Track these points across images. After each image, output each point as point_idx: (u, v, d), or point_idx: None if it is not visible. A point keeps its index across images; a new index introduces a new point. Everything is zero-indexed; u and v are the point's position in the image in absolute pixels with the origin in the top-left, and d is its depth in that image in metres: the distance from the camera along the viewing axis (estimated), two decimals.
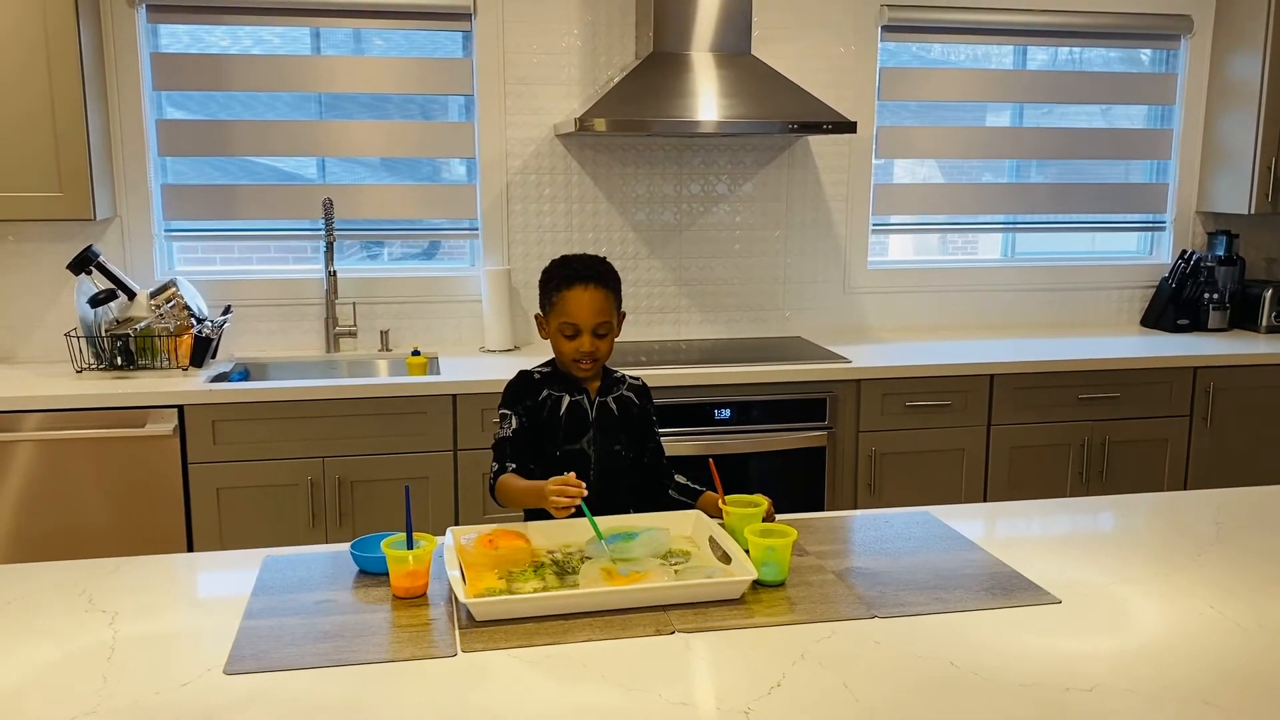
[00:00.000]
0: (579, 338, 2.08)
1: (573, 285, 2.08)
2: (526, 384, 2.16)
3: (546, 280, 2.15)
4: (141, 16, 3.42)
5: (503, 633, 1.55)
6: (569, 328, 2.08)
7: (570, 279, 2.09)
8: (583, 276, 2.09)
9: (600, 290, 2.10)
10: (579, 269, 2.11)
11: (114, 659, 1.48)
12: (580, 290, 2.08)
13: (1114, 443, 3.60)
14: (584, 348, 2.09)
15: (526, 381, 2.17)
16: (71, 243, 3.41)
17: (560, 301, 2.09)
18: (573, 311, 2.08)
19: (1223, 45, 4.08)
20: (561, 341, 2.11)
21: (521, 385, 2.17)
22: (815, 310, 4.01)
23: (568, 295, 2.08)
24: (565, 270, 2.12)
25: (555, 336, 2.12)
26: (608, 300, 2.11)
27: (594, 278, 2.10)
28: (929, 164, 4.15)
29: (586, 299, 2.08)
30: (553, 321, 2.12)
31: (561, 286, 2.09)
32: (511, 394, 2.16)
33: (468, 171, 3.77)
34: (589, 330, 2.08)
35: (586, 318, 2.08)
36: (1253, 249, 4.29)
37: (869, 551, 1.91)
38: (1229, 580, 1.77)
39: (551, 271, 2.15)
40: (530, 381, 2.17)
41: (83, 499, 3.01)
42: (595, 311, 2.08)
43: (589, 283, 2.09)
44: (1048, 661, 1.48)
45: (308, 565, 1.83)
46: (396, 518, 3.13)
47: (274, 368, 3.54)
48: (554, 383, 2.16)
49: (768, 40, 3.77)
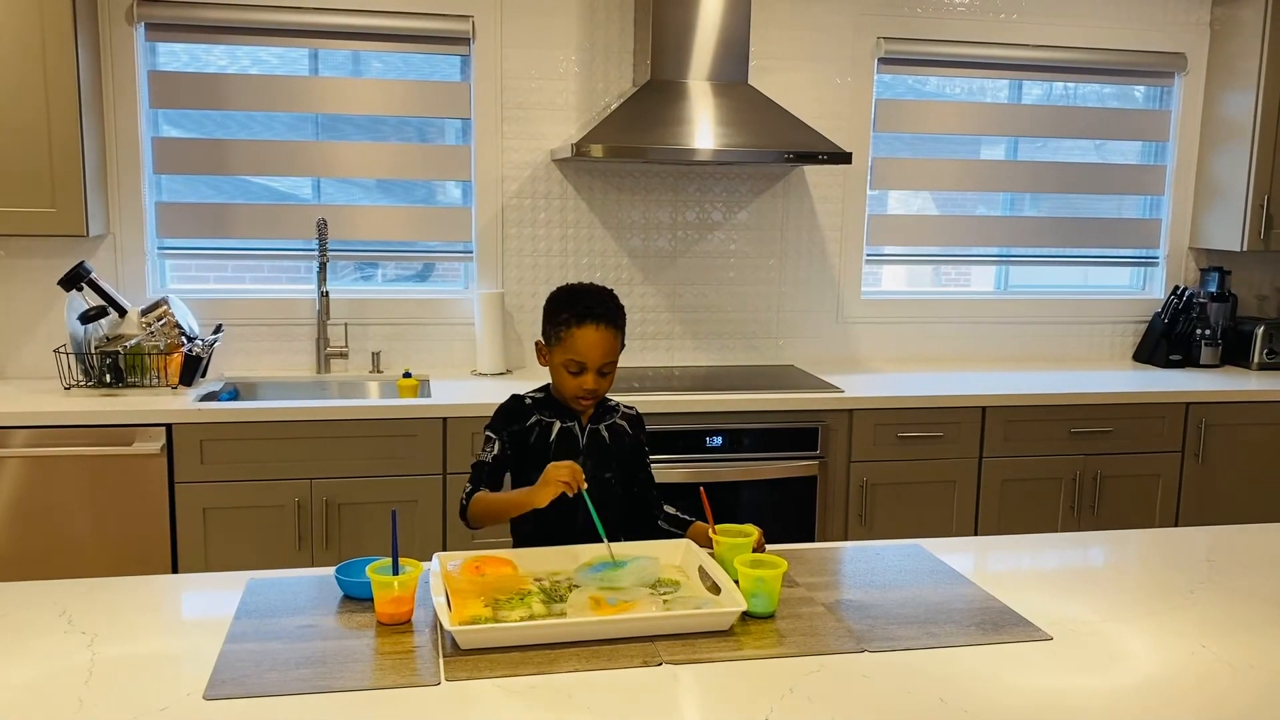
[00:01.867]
0: (583, 375, 2.06)
1: (584, 323, 2.04)
2: (516, 409, 2.14)
3: (554, 311, 2.09)
4: (140, 35, 3.43)
5: (488, 661, 1.53)
6: (574, 365, 2.05)
7: (582, 316, 2.04)
8: (594, 315, 2.05)
9: (610, 330, 2.06)
10: (591, 306, 2.06)
11: (91, 681, 1.46)
12: (591, 329, 2.04)
13: (1106, 477, 3.59)
14: (587, 385, 2.06)
15: (517, 406, 2.15)
16: (64, 258, 3.40)
17: (569, 338, 2.05)
18: (581, 350, 2.04)
19: (1216, 83, 4.11)
20: (565, 376, 2.07)
21: (511, 410, 2.14)
22: (808, 339, 4.01)
23: (577, 333, 2.04)
24: (576, 305, 2.06)
25: (558, 370, 2.08)
26: (616, 340, 2.08)
27: (605, 317, 2.06)
28: (923, 195, 4.17)
29: (596, 339, 2.04)
30: (557, 355, 2.08)
31: (572, 323, 2.05)
32: (500, 418, 2.14)
33: (463, 194, 3.77)
34: (595, 369, 2.06)
35: (594, 358, 2.05)
36: (1245, 286, 4.31)
37: (859, 584, 1.89)
38: (1221, 619, 1.75)
39: (560, 303, 2.09)
40: (521, 406, 2.15)
41: (68, 517, 2.99)
42: (604, 352, 2.06)
43: (600, 323, 2.05)
44: (1038, 699, 1.46)
45: (292, 589, 1.81)
46: (384, 541, 3.11)
47: (264, 387, 3.52)
48: (545, 408, 2.14)
49: (765, 70, 3.79)
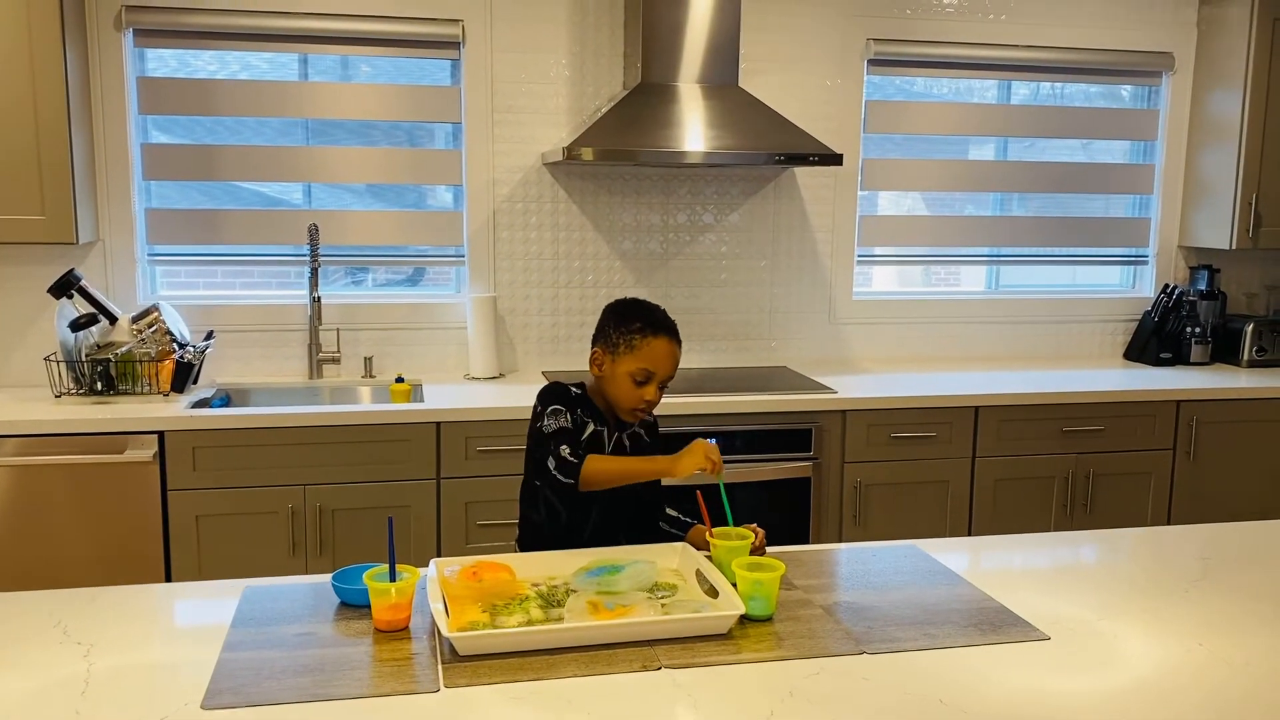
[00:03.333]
0: (648, 385, 2.06)
1: (659, 334, 2.06)
2: (565, 394, 2.11)
3: (625, 320, 2.08)
4: (128, 41, 3.42)
5: (486, 667, 1.53)
6: (643, 374, 2.05)
7: (658, 328, 2.07)
8: (668, 328, 2.08)
9: (678, 345, 2.10)
10: (664, 320, 2.09)
11: (88, 693, 1.45)
12: (665, 341, 2.07)
13: (1098, 475, 3.61)
14: (650, 397, 2.07)
15: (565, 392, 2.11)
16: (53, 266, 3.38)
17: (644, 347, 2.05)
18: (654, 360, 2.06)
19: (1204, 82, 4.13)
20: (628, 386, 2.06)
21: (561, 393, 2.10)
22: (800, 340, 4.01)
23: (655, 343, 2.06)
24: (651, 317, 2.09)
25: (622, 379, 2.07)
26: (679, 358, 2.11)
27: (674, 332, 2.10)
28: (913, 196, 4.18)
29: (668, 351, 2.07)
30: (625, 363, 2.06)
31: (648, 333, 2.06)
32: (558, 397, 2.09)
33: (454, 198, 3.77)
34: (659, 381, 2.07)
35: (665, 369, 2.07)
36: (1234, 283, 4.33)
37: (856, 586, 1.89)
38: (1216, 617, 1.76)
39: (631, 313, 2.10)
40: (568, 394, 2.11)
41: (60, 526, 2.97)
42: (673, 364, 2.09)
43: (673, 337, 2.09)
44: (1037, 699, 1.46)
45: (288, 596, 1.81)
46: (378, 547, 3.10)
47: (256, 394, 3.51)
48: (583, 407, 2.12)
49: (755, 72, 3.79)
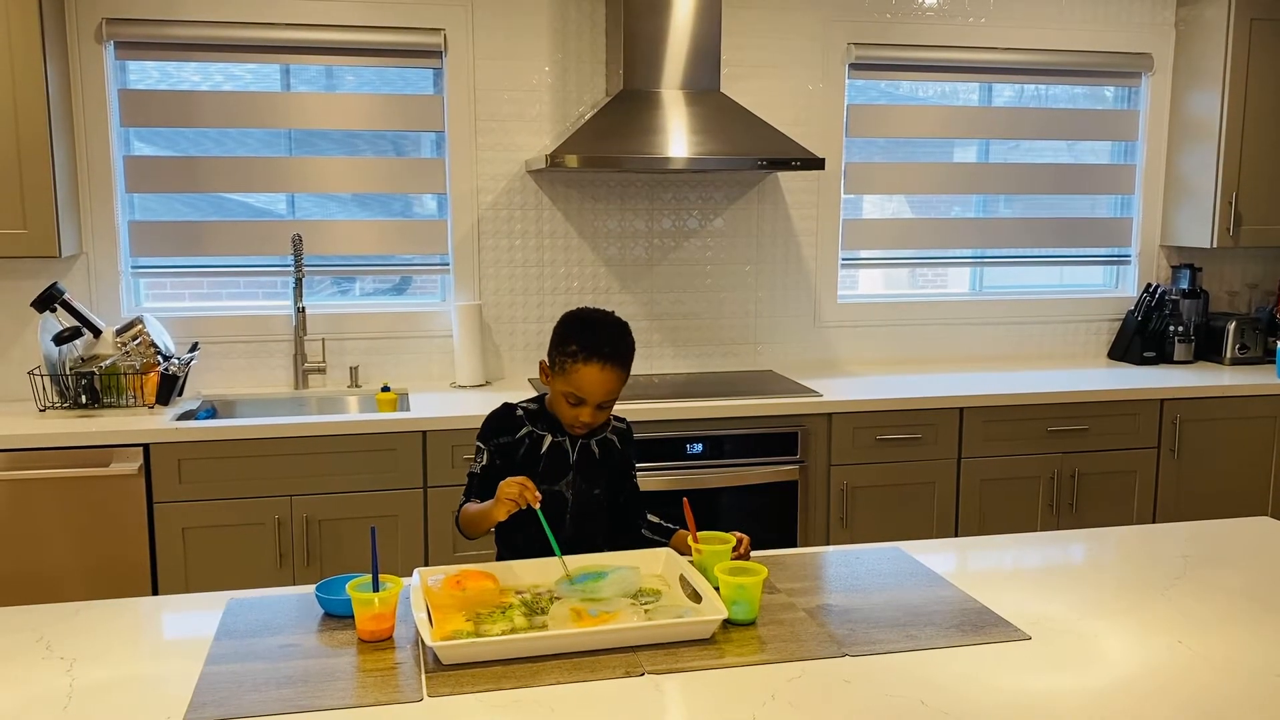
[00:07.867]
0: (581, 407, 2.02)
1: (590, 360, 1.98)
2: (507, 418, 2.11)
3: (564, 339, 2.02)
4: (110, 53, 3.41)
5: (470, 676, 1.53)
6: (574, 398, 2.01)
7: (590, 353, 1.98)
8: (603, 354, 1.98)
9: (617, 370, 2.01)
10: (601, 344, 1.99)
11: (71, 707, 1.45)
12: (597, 369, 1.98)
13: (1083, 475, 3.62)
14: (584, 418, 2.03)
15: (508, 415, 2.11)
16: (36, 280, 3.37)
17: (573, 372, 1.99)
18: (583, 387, 1.99)
19: (1183, 82, 4.16)
20: (563, 404, 2.03)
21: (502, 419, 2.11)
22: (786, 344, 4.03)
23: (583, 370, 1.98)
24: (588, 340, 1.99)
25: (558, 397, 2.04)
26: (621, 379, 2.02)
27: (613, 358, 2.00)
28: (897, 199, 4.19)
29: (600, 379, 1.99)
30: (559, 383, 2.02)
31: (579, 357, 1.98)
32: (489, 427, 2.11)
33: (439, 207, 3.77)
34: (594, 405, 2.02)
35: (596, 395, 2.00)
36: (1216, 282, 4.36)
37: (840, 588, 1.90)
38: (1197, 614, 1.77)
39: (571, 333, 2.03)
40: (512, 417, 2.11)
41: (46, 540, 2.96)
42: (606, 391, 2.01)
43: (608, 363, 1.99)
44: (1019, 699, 1.47)
45: (272, 608, 1.81)
46: (365, 557, 3.09)
47: (242, 405, 3.51)
48: (538, 420, 2.11)
49: (737, 78, 3.81)
